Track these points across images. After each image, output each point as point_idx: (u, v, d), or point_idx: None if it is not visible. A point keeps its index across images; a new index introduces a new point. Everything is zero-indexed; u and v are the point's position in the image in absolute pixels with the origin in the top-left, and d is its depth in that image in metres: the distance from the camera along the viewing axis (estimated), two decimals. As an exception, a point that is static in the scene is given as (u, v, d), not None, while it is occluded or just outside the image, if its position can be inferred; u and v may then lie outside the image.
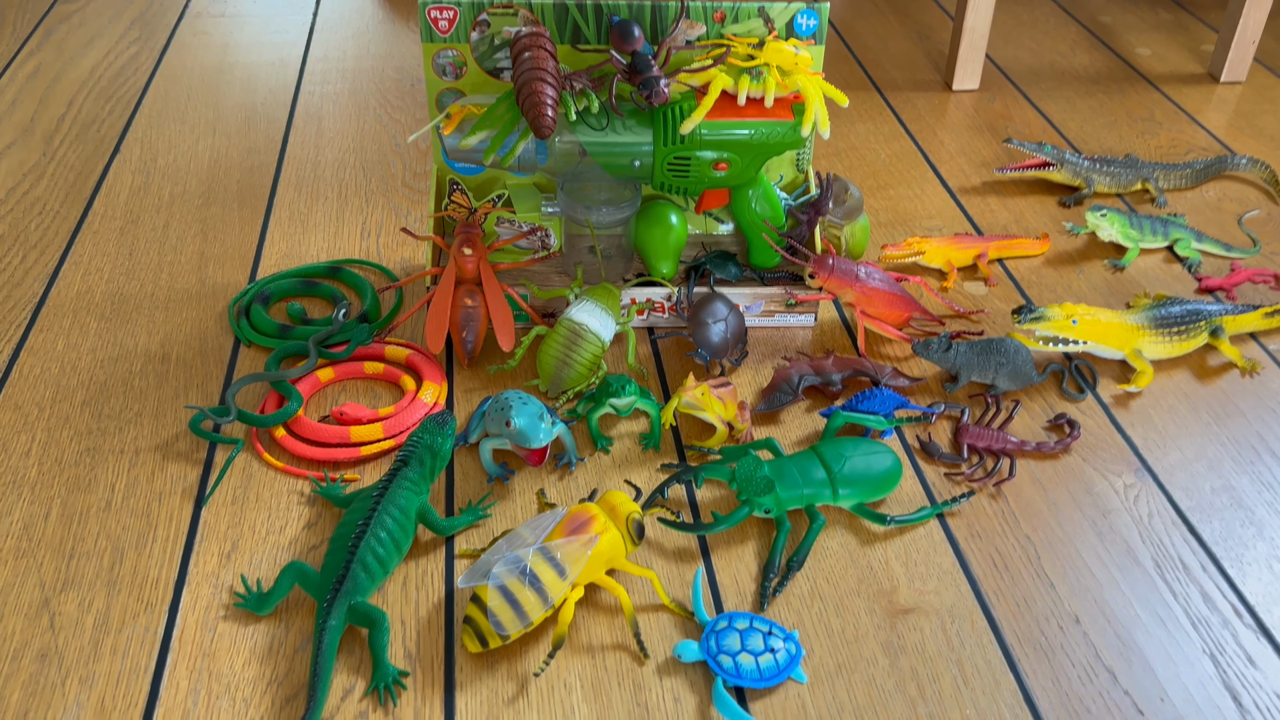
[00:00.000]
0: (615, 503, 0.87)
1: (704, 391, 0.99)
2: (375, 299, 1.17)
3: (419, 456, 0.91)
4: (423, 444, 0.92)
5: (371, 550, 0.85)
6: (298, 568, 0.85)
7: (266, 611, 0.85)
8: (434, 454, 0.92)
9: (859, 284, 1.11)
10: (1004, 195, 1.42)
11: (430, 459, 0.91)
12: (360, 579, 0.84)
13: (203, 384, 1.08)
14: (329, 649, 0.80)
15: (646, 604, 0.88)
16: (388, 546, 0.86)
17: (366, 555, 0.84)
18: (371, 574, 0.84)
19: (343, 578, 0.83)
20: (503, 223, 1.17)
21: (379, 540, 0.85)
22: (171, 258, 1.26)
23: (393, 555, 0.86)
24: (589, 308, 1.07)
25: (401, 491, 0.89)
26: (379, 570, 0.85)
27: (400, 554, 0.87)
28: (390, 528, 0.86)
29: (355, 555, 0.84)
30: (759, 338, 1.16)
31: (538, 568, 0.83)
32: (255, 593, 0.87)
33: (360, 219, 1.34)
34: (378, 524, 0.86)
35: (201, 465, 0.99)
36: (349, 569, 0.83)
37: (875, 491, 0.95)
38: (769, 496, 0.91)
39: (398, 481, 0.89)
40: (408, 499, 0.89)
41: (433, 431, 0.92)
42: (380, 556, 0.85)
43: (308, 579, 0.85)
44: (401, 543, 0.87)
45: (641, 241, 1.15)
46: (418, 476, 0.91)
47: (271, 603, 0.85)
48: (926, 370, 1.12)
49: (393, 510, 0.87)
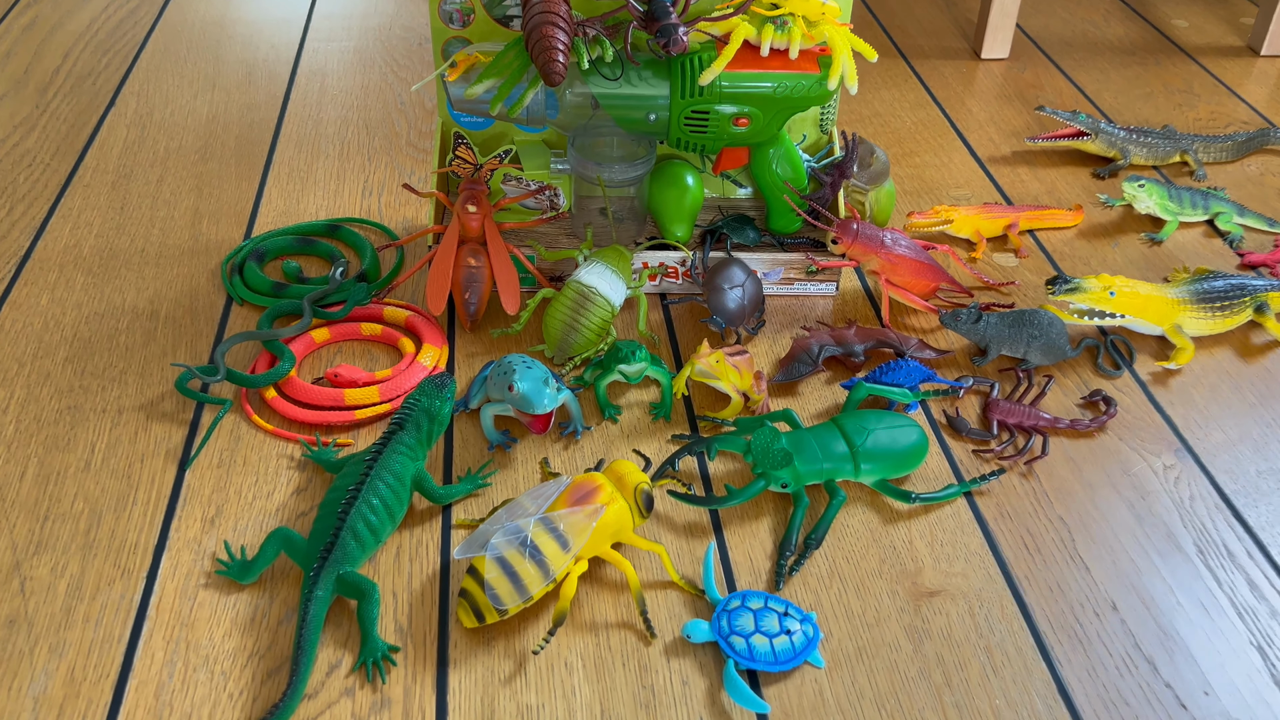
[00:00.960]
0: (623, 473, 0.82)
1: (719, 359, 0.93)
2: (375, 258, 1.12)
3: (415, 420, 0.86)
4: (420, 407, 0.86)
5: (363, 517, 0.79)
6: (284, 534, 0.80)
7: (250, 580, 0.80)
8: (431, 418, 0.86)
9: (884, 251, 1.05)
10: (1035, 165, 1.35)
11: (427, 423, 0.86)
12: (350, 548, 0.78)
13: (192, 342, 1.03)
14: (315, 621, 0.75)
15: (654, 580, 0.82)
16: (380, 514, 0.81)
17: (357, 523, 0.79)
18: (362, 543, 0.79)
19: (331, 545, 0.78)
20: (510, 180, 1.12)
21: (371, 507, 0.80)
22: (164, 213, 1.21)
23: (385, 523, 0.81)
24: (599, 270, 1.02)
25: (396, 457, 0.83)
26: (370, 539, 0.80)
27: (394, 522, 0.82)
28: (383, 494, 0.81)
29: (345, 522, 0.79)
30: (777, 306, 1.10)
31: (539, 539, 0.77)
32: (239, 560, 0.81)
33: (362, 177, 1.28)
34: (370, 490, 0.81)
35: (187, 426, 0.94)
36: (338, 536, 0.78)
37: (899, 467, 0.90)
38: (786, 470, 0.86)
39: (393, 446, 0.84)
40: (403, 465, 0.83)
41: (431, 394, 0.87)
42: (372, 525, 0.80)
43: (294, 546, 0.80)
44: (395, 510, 0.82)
45: (655, 203, 1.10)
46: (414, 441, 0.85)
47: (255, 571, 0.80)
48: (954, 343, 1.06)
49: (386, 476, 0.82)
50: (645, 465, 0.89)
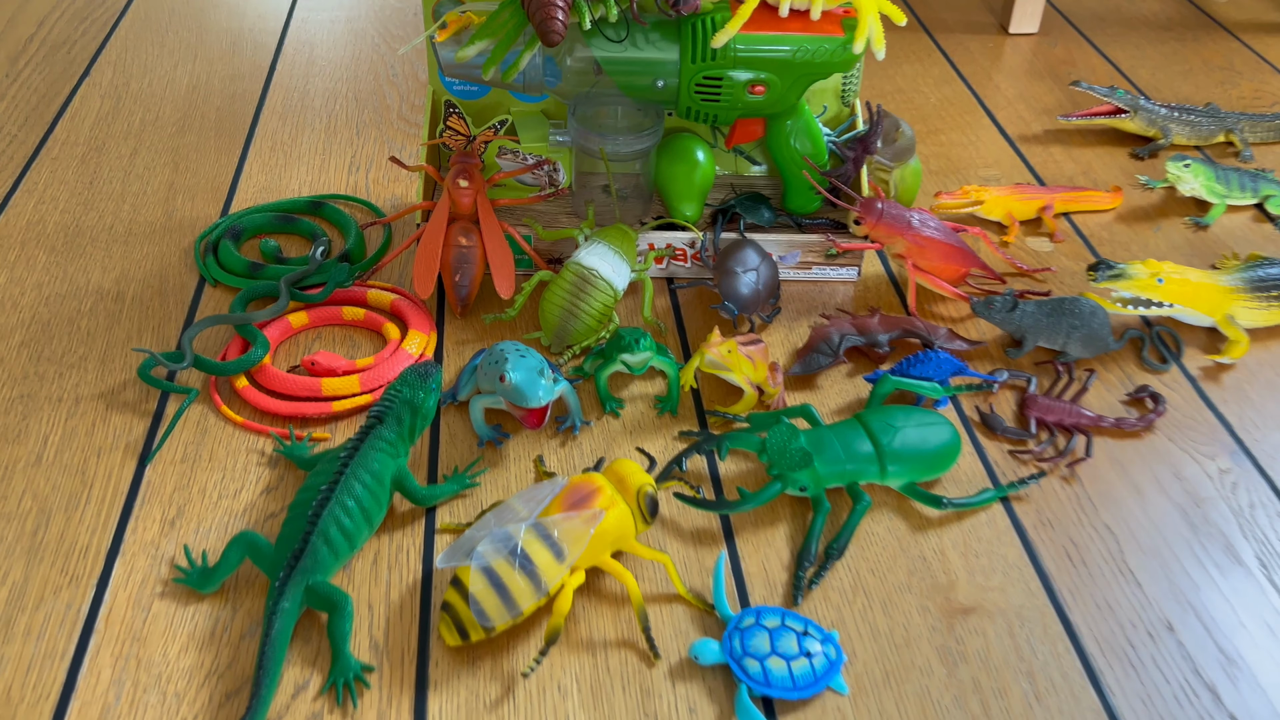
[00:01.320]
0: (624, 474, 0.74)
1: (731, 349, 0.85)
2: (359, 237, 1.03)
3: (397, 413, 0.78)
4: (401, 398, 0.78)
5: (336, 521, 0.72)
6: (248, 539, 0.72)
7: (211, 589, 0.73)
8: (414, 410, 0.78)
9: (911, 233, 0.96)
10: (1069, 145, 1.26)
11: (410, 416, 0.78)
12: (321, 555, 0.71)
13: (159, 327, 0.95)
14: (280, 636, 0.67)
15: (659, 593, 0.74)
16: (355, 517, 0.73)
17: (330, 527, 0.71)
18: (335, 549, 0.71)
19: (300, 552, 0.70)
20: (505, 153, 1.03)
21: (345, 510, 0.72)
22: (136, 188, 1.13)
23: (361, 528, 0.73)
24: (601, 252, 0.93)
25: (375, 453, 0.75)
26: (344, 545, 0.72)
27: (370, 527, 0.74)
28: (359, 495, 0.73)
29: (316, 526, 0.71)
30: (794, 292, 1.02)
31: (531, 547, 0.69)
32: (199, 566, 0.74)
33: (349, 152, 1.20)
34: (345, 490, 0.73)
35: (150, 417, 0.86)
36: (308, 542, 0.70)
37: (929, 469, 0.81)
38: (805, 472, 0.78)
39: (371, 441, 0.76)
40: (382, 462, 0.75)
41: (414, 384, 0.79)
42: (346, 529, 0.72)
43: (260, 552, 0.72)
44: (372, 513, 0.74)
45: (663, 179, 1.01)
46: (394, 436, 0.77)
47: (217, 579, 0.72)
48: (985, 333, 0.98)
49: (363, 475, 0.74)
50: (649, 465, 0.81)
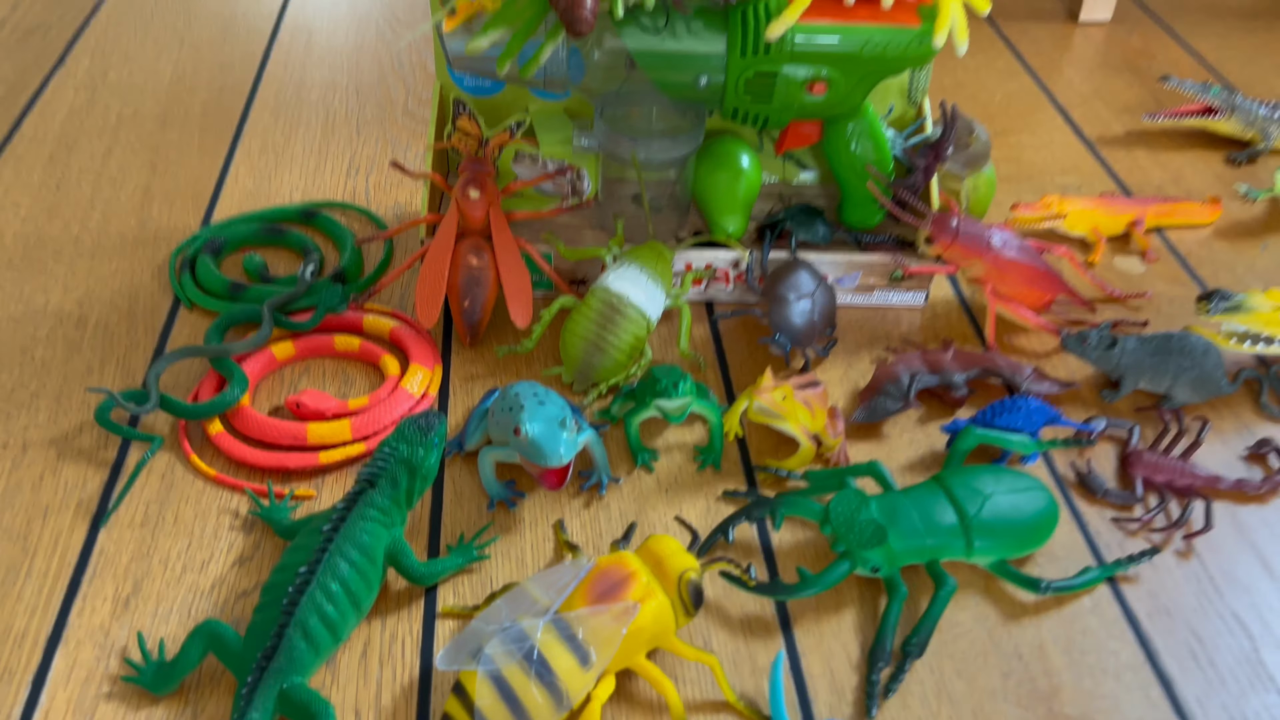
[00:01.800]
0: (662, 554, 0.61)
1: (786, 395, 0.72)
2: (355, 253, 0.91)
3: (391, 474, 0.65)
4: (397, 456, 0.66)
5: (317, 610, 0.59)
6: (212, 630, 0.60)
7: (167, 690, 0.61)
8: (412, 472, 0.66)
9: (991, 254, 0.83)
10: (1155, 148, 1.13)
11: (407, 478, 0.66)
12: (298, 652, 0.58)
13: (125, 357, 0.83)
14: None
15: (703, 701, 0.62)
16: (340, 604, 0.60)
17: (309, 617, 0.59)
18: (315, 644, 0.59)
19: (273, 650, 0.58)
20: (522, 158, 0.90)
21: (329, 595, 0.60)
22: (109, 193, 1.01)
23: (348, 616, 0.61)
24: (632, 274, 0.81)
25: (365, 524, 0.63)
26: (326, 639, 0.60)
27: (359, 613, 0.62)
28: (346, 576, 0.61)
29: (292, 617, 0.59)
30: (851, 320, 0.89)
31: (550, 651, 0.57)
32: (155, 661, 0.62)
33: (348, 153, 1.07)
34: (328, 571, 0.60)
35: (108, 469, 0.74)
36: (282, 637, 0.58)
37: (1023, 544, 0.68)
38: (879, 549, 0.65)
39: (360, 509, 0.64)
40: (373, 534, 0.63)
41: (412, 439, 0.66)
42: (329, 619, 0.60)
43: (226, 647, 0.60)
44: (361, 598, 0.62)
45: (702, 189, 0.88)
46: (389, 502, 0.65)
47: (175, 678, 0.60)
48: (1074, 371, 0.85)
49: (351, 551, 0.62)
50: (692, 541, 0.68)
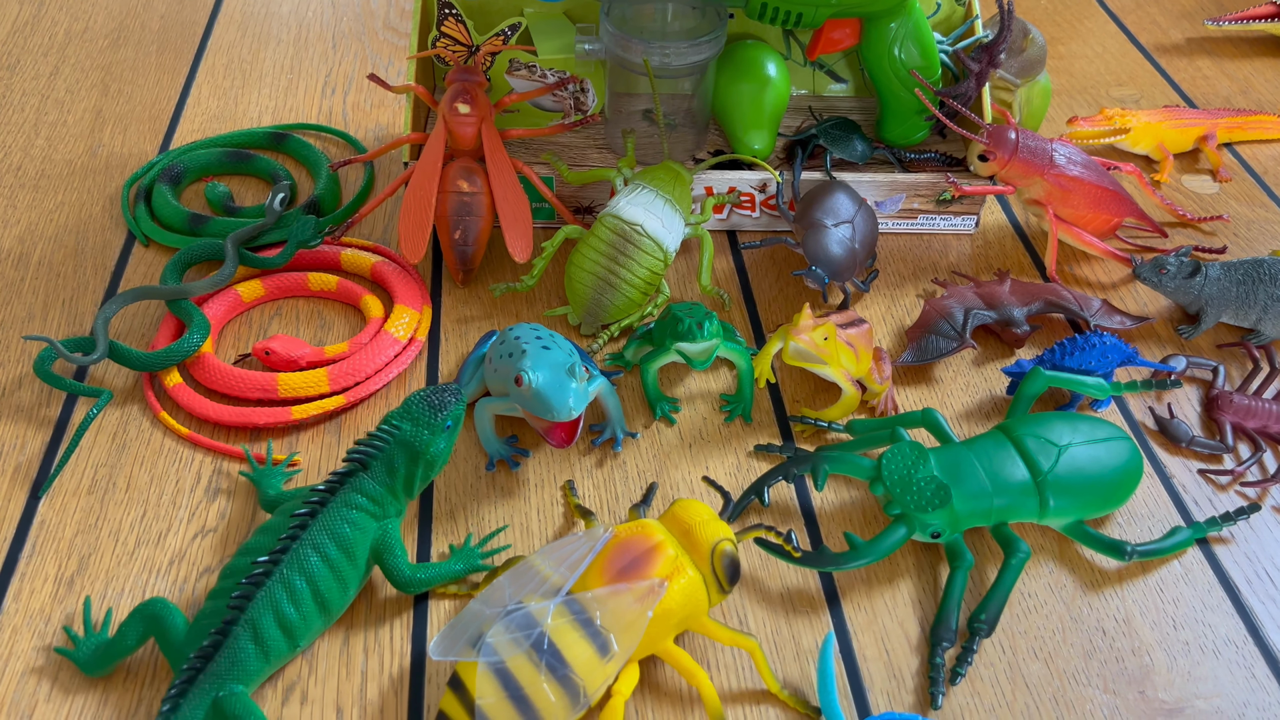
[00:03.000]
0: (691, 522, 0.52)
1: (829, 334, 0.63)
2: (331, 179, 0.81)
3: (388, 456, 0.54)
4: (398, 436, 0.55)
5: (274, 608, 0.50)
6: (156, 612, 0.52)
7: (98, 673, 0.52)
8: (414, 456, 0.55)
9: (1054, 172, 0.73)
10: (1219, 56, 1.02)
11: (407, 463, 0.55)
12: (244, 656, 0.49)
13: (71, 301, 0.73)
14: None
15: (742, 689, 0.53)
16: (304, 605, 0.51)
17: (263, 616, 0.50)
18: (266, 650, 0.50)
19: (213, 649, 0.49)
20: (518, 68, 0.80)
21: (290, 593, 0.51)
22: (54, 117, 0.90)
23: (311, 620, 0.52)
24: (645, 200, 0.71)
25: (348, 511, 0.53)
26: (281, 644, 0.51)
27: (327, 617, 0.53)
28: (315, 573, 0.51)
29: (243, 614, 0.50)
30: (892, 249, 0.79)
31: (563, 638, 0.48)
32: (96, 636, 0.53)
33: (322, 70, 0.96)
34: (294, 564, 0.51)
35: (50, 429, 0.65)
36: (227, 635, 0.49)
37: (1103, 503, 0.59)
38: (941, 511, 0.56)
39: (345, 494, 0.54)
40: (357, 526, 0.53)
41: (419, 417, 0.55)
42: (287, 621, 0.50)
43: (167, 634, 0.51)
44: (331, 600, 0.52)
45: (724, 102, 0.78)
46: (381, 489, 0.54)
47: (109, 661, 0.52)
48: (1147, 304, 0.75)
49: (325, 542, 0.52)
50: (724, 505, 0.59)
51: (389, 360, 0.67)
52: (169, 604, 0.52)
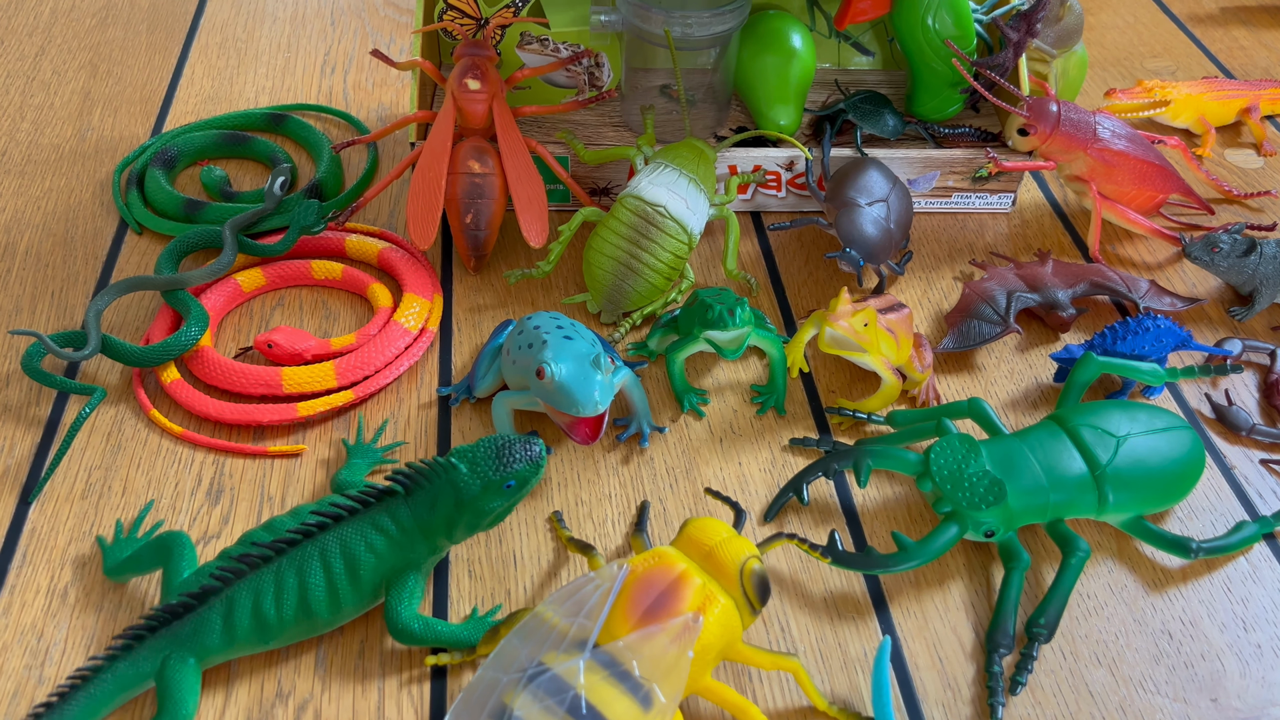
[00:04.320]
0: (710, 542, 0.48)
1: (869, 319, 0.59)
2: (334, 162, 0.76)
3: (433, 492, 0.49)
4: (450, 476, 0.49)
5: (254, 596, 0.48)
6: (172, 546, 0.51)
7: (116, 578, 0.53)
8: (460, 503, 0.49)
9: (1098, 146, 0.69)
10: (1255, 26, 0.98)
11: (450, 507, 0.49)
12: (207, 630, 0.48)
13: (61, 292, 0.69)
14: (89, 702, 0.46)
15: (786, 709, 0.49)
16: (286, 607, 0.48)
17: (241, 597, 0.48)
18: (233, 633, 0.48)
19: (182, 610, 0.47)
20: (529, 42, 0.75)
21: (278, 588, 0.48)
22: (41, 99, 0.86)
23: (288, 624, 0.48)
24: (668, 179, 0.67)
25: (371, 533, 0.49)
26: (249, 634, 0.48)
27: (309, 627, 0.49)
28: (310, 580, 0.48)
29: (225, 589, 0.48)
30: (925, 229, 0.75)
31: (599, 696, 0.43)
32: (123, 541, 0.54)
33: (321, 48, 0.92)
34: (294, 563, 0.48)
35: (39, 429, 0.61)
36: (200, 604, 0.48)
37: (1165, 496, 0.56)
38: (995, 508, 0.52)
39: (373, 514, 0.49)
40: (376, 550, 0.49)
41: (481, 462, 0.49)
42: (263, 616, 0.48)
43: (170, 573, 0.51)
44: (318, 612, 0.49)
45: (747, 76, 0.74)
46: (413, 524, 0.49)
47: (126, 572, 0.53)
48: (1196, 284, 0.71)
49: (333, 554, 0.49)
50: (737, 517, 0.55)
51: (399, 352, 0.64)
52: (188, 545, 0.51)
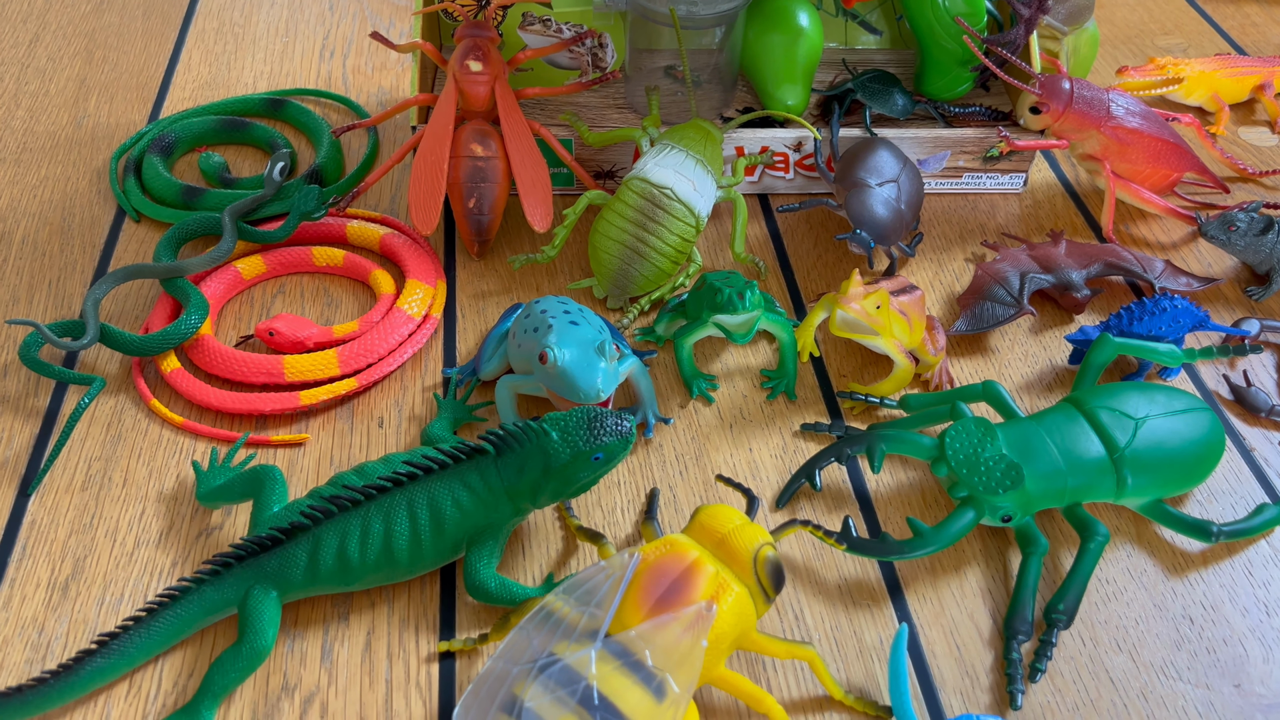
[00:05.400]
0: (722, 530, 0.47)
1: (882, 301, 0.58)
2: (334, 147, 0.75)
3: (523, 455, 0.49)
4: (541, 441, 0.49)
5: (340, 537, 0.49)
6: (264, 479, 0.52)
7: (207, 504, 0.54)
8: (547, 469, 0.49)
9: (1111, 124, 0.68)
10: (1267, 3, 0.96)
11: (538, 472, 0.49)
12: (293, 565, 0.49)
13: (59, 282, 0.68)
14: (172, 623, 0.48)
15: (801, 697, 0.49)
16: (371, 550, 0.49)
17: (327, 538, 0.49)
18: (316, 572, 0.49)
19: (270, 543, 0.49)
20: (532, 22, 0.74)
21: (364, 532, 0.49)
22: (36, 86, 0.84)
23: (370, 568, 0.49)
24: (674, 161, 0.65)
25: (459, 489, 0.49)
26: (333, 574, 0.49)
27: (389, 573, 0.50)
28: (395, 527, 0.49)
29: (312, 530, 0.49)
30: (936, 210, 0.74)
31: (612, 687, 0.43)
32: (217, 469, 0.56)
33: (320, 32, 0.91)
34: (381, 510, 0.49)
35: (38, 420, 0.60)
36: (288, 539, 0.49)
37: (1185, 479, 0.55)
38: (1013, 493, 0.51)
39: (462, 470, 0.50)
40: (462, 506, 0.49)
41: (572, 430, 0.49)
42: (347, 557, 0.49)
43: (260, 505, 0.52)
44: (399, 557, 0.49)
45: (753, 56, 0.72)
46: (499, 484, 0.49)
47: (218, 499, 0.54)
48: (1211, 264, 0.70)
49: (420, 505, 0.49)
50: (750, 503, 0.54)
51: (403, 339, 0.62)
52: (280, 480, 0.52)
